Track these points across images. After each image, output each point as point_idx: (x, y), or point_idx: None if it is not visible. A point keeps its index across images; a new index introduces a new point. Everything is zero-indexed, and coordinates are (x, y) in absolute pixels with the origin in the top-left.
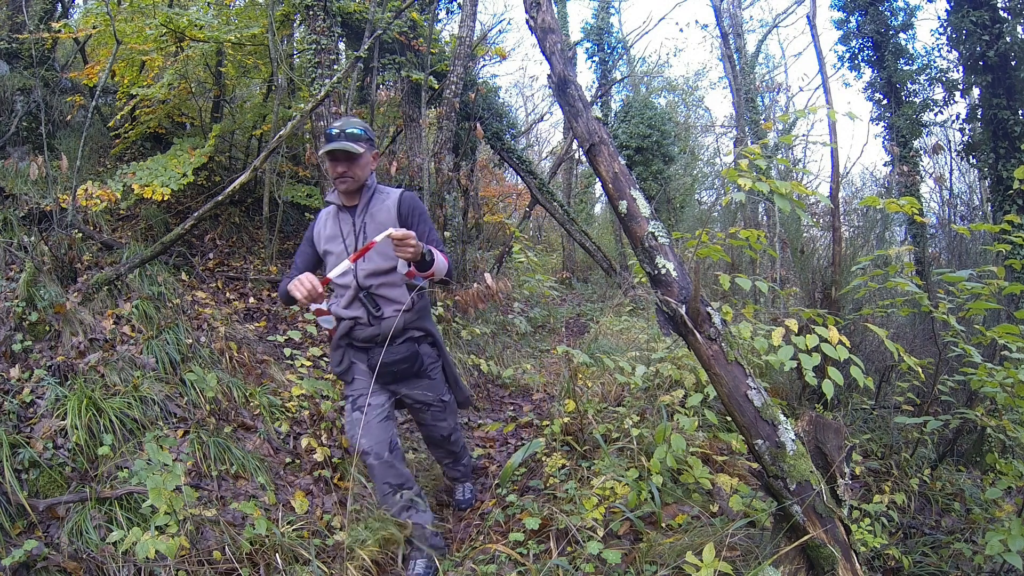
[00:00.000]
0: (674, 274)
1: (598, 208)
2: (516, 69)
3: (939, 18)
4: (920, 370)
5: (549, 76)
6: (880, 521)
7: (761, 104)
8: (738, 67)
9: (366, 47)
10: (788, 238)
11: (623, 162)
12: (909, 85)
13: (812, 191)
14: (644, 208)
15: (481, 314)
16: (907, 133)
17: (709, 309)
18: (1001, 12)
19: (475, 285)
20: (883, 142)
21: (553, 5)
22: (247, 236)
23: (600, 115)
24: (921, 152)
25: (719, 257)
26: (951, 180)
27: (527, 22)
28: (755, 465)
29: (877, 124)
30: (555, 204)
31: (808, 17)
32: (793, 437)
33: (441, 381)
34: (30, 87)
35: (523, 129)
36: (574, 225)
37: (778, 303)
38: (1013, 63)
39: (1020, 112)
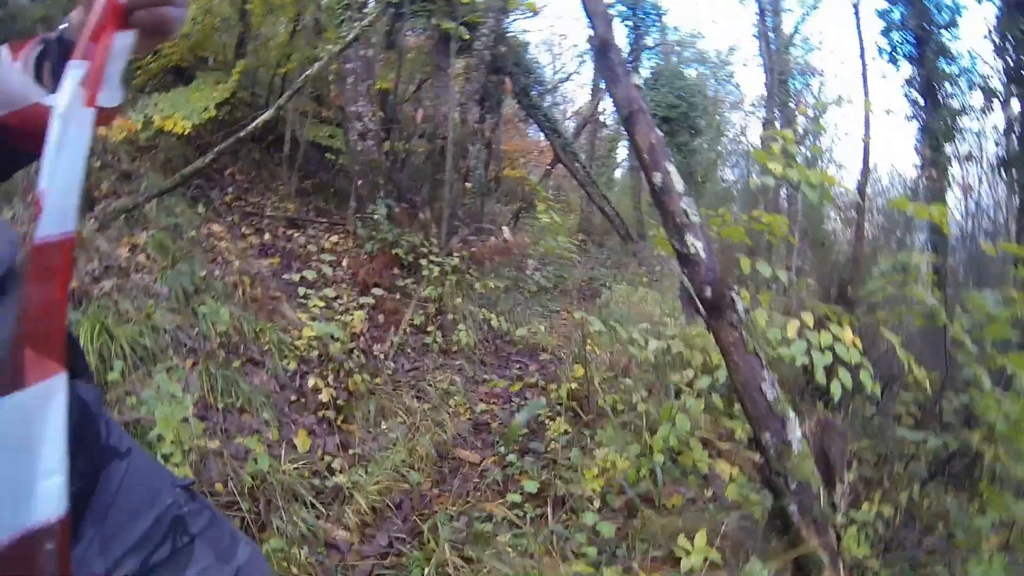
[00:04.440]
0: (703, 254)
1: (618, 173)
2: (547, 25)
3: (986, 21)
4: (927, 384)
5: (590, 37)
6: (865, 531)
7: (793, 87)
8: (773, 47)
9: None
10: (809, 227)
11: (660, 133)
12: (948, 86)
13: (840, 183)
14: (678, 183)
15: (496, 268)
16: (941, 136)
17: (734, 295)
18: None
19: (492, 238)
20: (915, 142)
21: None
22: (267, 173)
23: (639, 82)
24: (952, 158)
25: (740, 239)
26: (978, 191)
27: None
28: (756, 456)
29: (911, 122)
30: (577, 165)
31: (854, 5)
32: (800, 437)
33: None
34: (52, 16)
35: (550, 87)
36: (595, 188)
37: (794, 293)
38: None
39: None
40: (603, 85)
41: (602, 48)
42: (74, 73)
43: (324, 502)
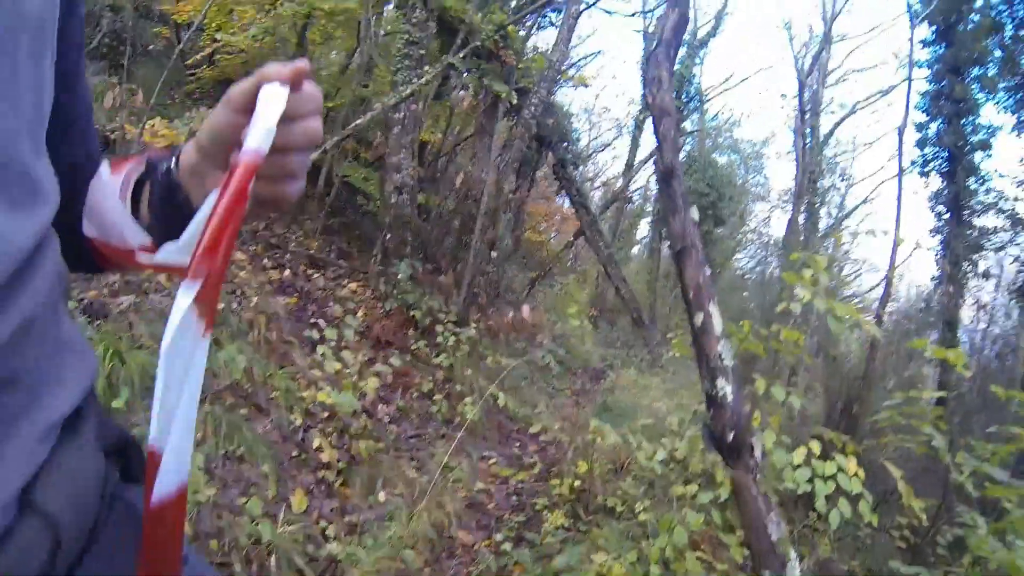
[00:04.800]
0: (730, 398)
1: (636, 249)
2: (592, 95)
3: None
4: (923, 516)
5: (656, 161)
6: None
7: (820, 187)
8: (808, 145)
9: (460, 55)
10: (823, 341)
11: (708, 272)
12: (974, 205)
13: (863, 319)
14: (718, 326)
15: (509, 342)
16: (961, 254)
17: (754, 440)
18: None
19: (511, 313)
20: (936, 256)
21: (673, 87)
22: (295, 206)
23: (697, 217)
24: (970, 273)
25: (756, 349)
26: (990, 312)
27: (643, 97)
28: None
29: (934, 236)
30: (600, 244)
31: (899, 130)
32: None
33: None
34: (120, 6)
35: (585, 156)
36: (615, 268)
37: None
38: None
39: None
40: (638, 163)
41: (666, 176)
42: (186, 292)
43: (317, 572)
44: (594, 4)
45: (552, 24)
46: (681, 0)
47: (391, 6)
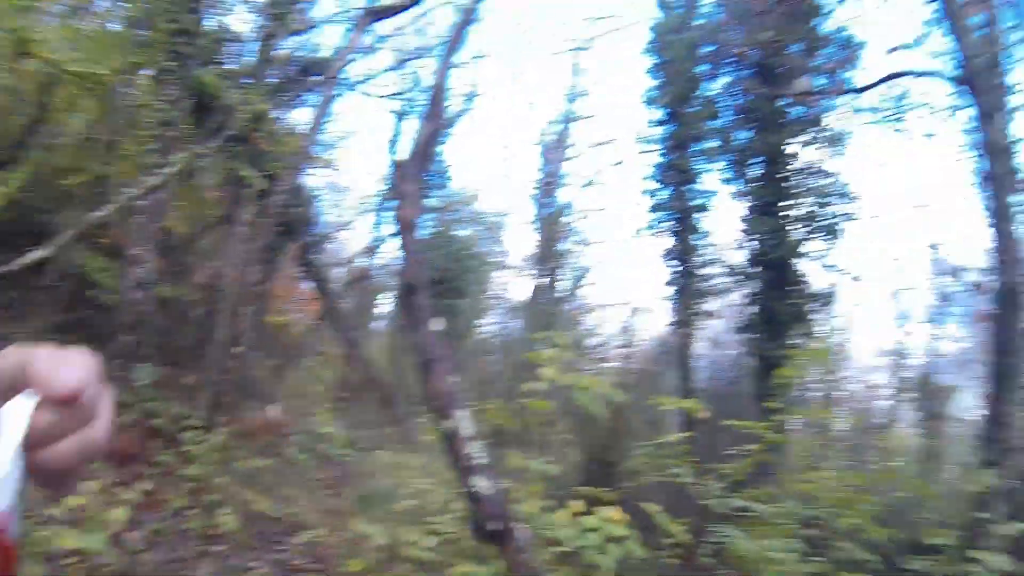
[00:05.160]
0: (490, 492)
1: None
2: (334, 174)
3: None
4: (683, 537)
5: (400, 275)
6: None
7: (560, 251)
8: (549, 212)
9: (214, 145)
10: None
11: (455, 380)
12: (698, 259)
13: (606, 384)
14: (468, 428)
15: (260, 444)
16: (692, 300)
17: (515, 527)
18: (785, 221)
19: (259, 411)
20: (672, 304)
21: (421, 203)
22: (19, 295)
23: (442, 328)
24: (700, 317)
25: (507, 422)
26: (722, 344)
27: (394, 212)
28: None
29: (669, 286)
30: (343, 326)
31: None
32: None
33: None
34: None
35: (328, 236)
36: (358, 349)
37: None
38: (792, 262)
39: (788, 303)
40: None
41: (409, 290)
42: None
43: None
44: (352, 88)
45: (307, 104)
46: (435, 114)
47: (145, 74)
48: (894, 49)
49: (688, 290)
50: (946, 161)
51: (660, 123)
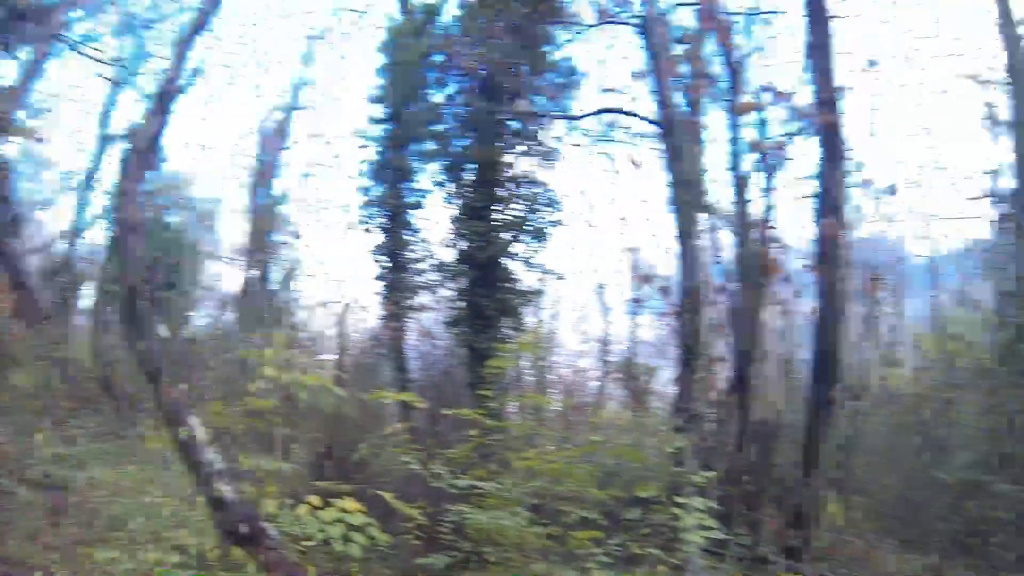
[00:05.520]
0: (232, 496)
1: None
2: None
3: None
4: (419, 516)
5: (122, 278)
6: None
7: (274, 243)
8: (262, 202)
9: None
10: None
11: (184, 388)
12: (410, 255)
13: (327, 382)
14: (203, 435)
15: None
16: (403, 295)
17: (265, 525)
18: (498, 225)
19: None
20: (384, 298)
21: (142, 202)
22: None
23: (168, 333)
24: (411, 311)
25: (231, 422)
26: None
27: (114, 212)
28: None
29: (380, 281)
30: (40, 325)
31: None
32: None
33: None
34: None
35: (25, 216)
36: (64, 350)
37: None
38: (500, 261)
39: (496, 298)
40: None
41: (131, 296)
42: None
43: None
44: (73, 47)
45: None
46: (159, 111)
47: None
48: (608, 90)
49: (399, 285)
50: (646, 184)
51: (381, 121)
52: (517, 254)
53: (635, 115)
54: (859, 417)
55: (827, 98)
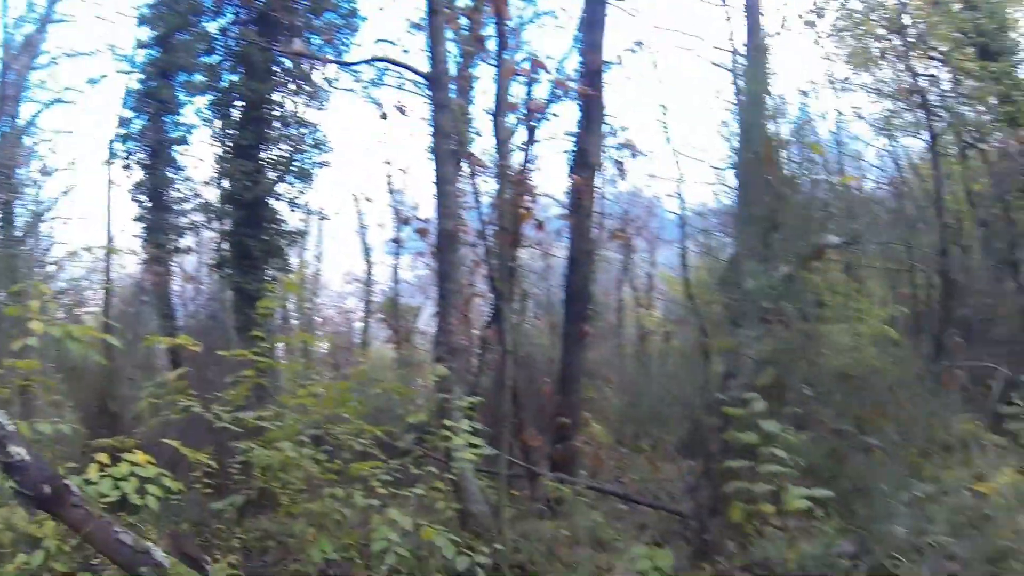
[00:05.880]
0: (28, 458)
1: None
2: None
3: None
4: (206, 460)
5: None
6: None
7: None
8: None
9: None
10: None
11: None
12: (174, 194)
13: (96, 332)
14: None
15: None
16: (166, 237)
17: (68, 483)
18: (265, 164)
19: None
20: (145, 240)
21: None
22: None
23: None
24: (174, 253)
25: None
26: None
27: None
28: None
29: (138, 223)
30: None
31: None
32: (163, 555)
33: None
34: None
35: None
36: None
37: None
38: (267, 201)
39: (262, 239)
40: None
41: None
42: None
43: None
44: None
45: None
46: None
47: None
48: (382, 40)
49: (161, 226)
50: (412, 129)
51: (147, 46)
52: (283, 195)
53: (407, 67)
54: (610, 347)
55: (594, 69)
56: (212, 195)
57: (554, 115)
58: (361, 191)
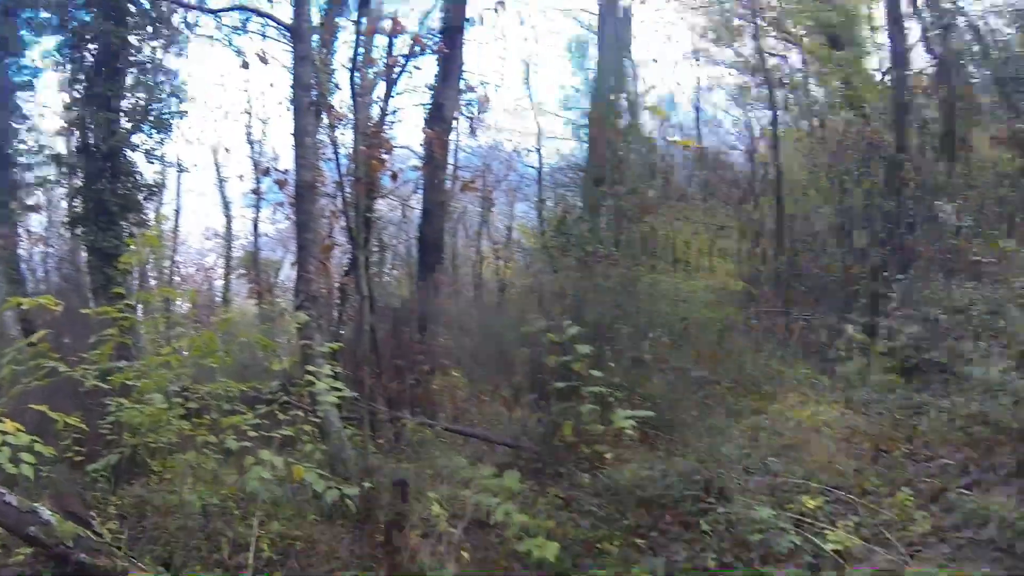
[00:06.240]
0: None
1: None
2: None
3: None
4: (75, 422)
5: None
6: None
7: None
8: None
9: None
10: None
11: None
12: (18, 146)
13: None
14: None
15: None
16: (11, 194)
17: None
18: (121, 113)
19: None
20: None
21: None
22: None
23: None
24: (21, 214)
25: None
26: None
27: None
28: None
29: None
30: None
31: None
32: (49, 514)
33: None
34: None
35: None
36: None
37: None
38: (123, 152)
39: (119, 193)
40: None
41: None
42: None
43: None
44: None
45: None
46: None
47: None
48: None
49: (5, 182)
50: (272, 79)
51: None
52: (140, 145)
53: (270, 17)
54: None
55: (455, 26)
56: (62, 146)
57: (416, 68)
58: (220, 142)
